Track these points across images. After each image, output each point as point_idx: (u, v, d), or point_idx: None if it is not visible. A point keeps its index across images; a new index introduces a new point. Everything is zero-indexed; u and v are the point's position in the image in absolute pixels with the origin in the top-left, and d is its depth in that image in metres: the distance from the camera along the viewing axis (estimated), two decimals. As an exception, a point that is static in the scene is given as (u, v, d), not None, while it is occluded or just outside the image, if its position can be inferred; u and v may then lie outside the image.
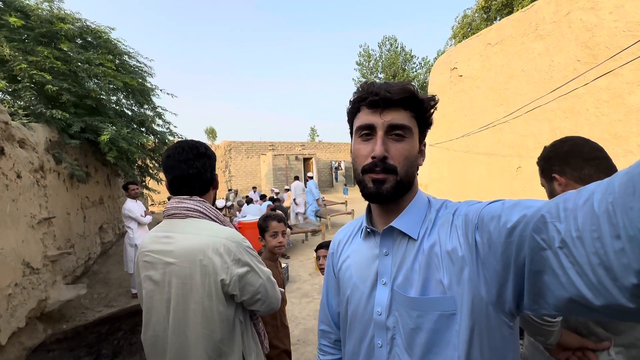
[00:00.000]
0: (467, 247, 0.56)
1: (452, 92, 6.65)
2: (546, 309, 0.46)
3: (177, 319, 0.99)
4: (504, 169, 5.59)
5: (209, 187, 1.15)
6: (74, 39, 4.50)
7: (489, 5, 12.19)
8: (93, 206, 5.03)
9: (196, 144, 1.11)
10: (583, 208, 0.39)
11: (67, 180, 3.96)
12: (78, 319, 3.47)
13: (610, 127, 3.96)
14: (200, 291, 0.98)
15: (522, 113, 5.08)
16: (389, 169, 0.63)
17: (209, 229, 1.04)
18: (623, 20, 3.74)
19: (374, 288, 0.68)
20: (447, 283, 0.57)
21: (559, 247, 0.41)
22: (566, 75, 4.40)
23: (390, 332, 0.63)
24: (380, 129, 0.63)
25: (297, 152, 18.19)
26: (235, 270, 1.00)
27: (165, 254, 1.02)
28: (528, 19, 4.98)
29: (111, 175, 6.21)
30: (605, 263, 0.36)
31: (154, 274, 1.03)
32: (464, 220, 0.58)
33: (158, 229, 1.10)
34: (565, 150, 1.03)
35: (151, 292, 1.03)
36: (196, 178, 1.08)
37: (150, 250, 1.05)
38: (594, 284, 0.37)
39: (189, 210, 1.06)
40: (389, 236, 0.68)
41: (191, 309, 0.99)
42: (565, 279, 0.41)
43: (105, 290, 4.43)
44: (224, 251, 0.99)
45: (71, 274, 3.95)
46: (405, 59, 21.13)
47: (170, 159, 1.08)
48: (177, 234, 1.03)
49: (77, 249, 4.18)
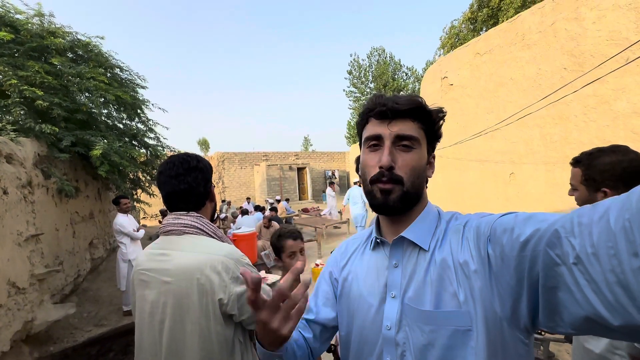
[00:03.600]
0: (479, 260, 0.54)
1: (443, 101, 6.76)
2: (562, 326, 0.44)
3: (174, 339, 0.95)
4: (497, 175, 5.65)
5: (204, 200, 1.11)
6: (65, 52, 4.48)
7: (475, 17, 12.57)
8: (83, 221, 4.91)
9: (187, 158, 1.08)
10: (599, 224, 0.38)
11: (55, 195, 3.86)
12: (66, 340, 3.33)
13: (599, 133, 4.05)
14: (197, 311, 0.94)
15: (513, 120, 5.18)
16: (396, 179, 0.62)
17: (206, 246, 1.01)
18: (606, 30, 3.88)
19: (382, 301, 0.65)
20: (463, 297, 0.55)
21: (574, 263, 0.40)
22: (554, 83, 4.52)
23: (400, 348, 0.60)
24: (387, 139, 0.63)
25: (290, 162, 18.20)
26: (234, 289, 0.96)
27: (161, 273, 0.98)
28: (515, 29, 5.13)
29: (102, 189, 6.10)
30: (622, 281, 0.35)
31: (149, 293, 0.99)
32: (476, 233, 0.57)
33: (154, 246, 1.06)
34: (624, 167, 1.02)
35: (145, 312, 0.99)
36: (188, 193, 1.05)
37: (145, 268, 1.01)
38: (611, 302, 0.36)
39: (186, 226, 1.02)
40: (399, 247, 0.66)
41: (188, 330, 0.95)
42: (581, 296, 0.39)
43: (96, 308, 4.27)
44: (222, 269, 0.96)
45: (59, 293, 3.81)
46: (395, 69, 21.55)
47: (162, 175, 1.05)
48: (173, 251, 1.00)
49: (66, 266, 4.04)
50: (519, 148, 5.18)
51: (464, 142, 6.32)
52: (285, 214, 10.29)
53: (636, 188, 0.36)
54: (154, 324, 0.98)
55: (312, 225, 8.46)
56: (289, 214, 10.67)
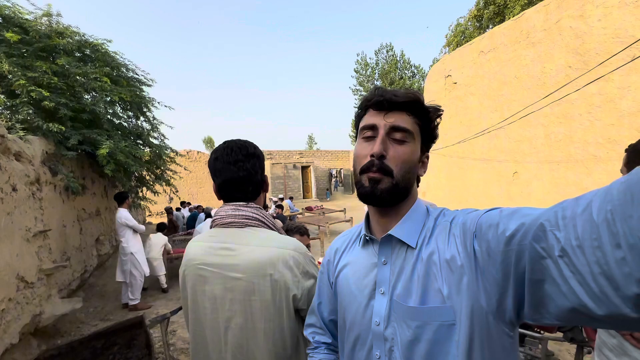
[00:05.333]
0: (465, 255, 0.55)
1: (447, 99, 6.73)
2: (548, 318, 0.46)
3: (244, 337, 0.90)
4: (501, 174, 5.61)
5: (260, 190, 1.04)
6: (72, 52, 4.55)
7: (481, 14, 12.43)
8: (90, 218, 5.00)
9: (245, 144, 1.01)
10: (582, 216, 0.39)
11: (63, 193, 3.95)
12: (73, 333, 3.41)
13: (604, 132, 4.00)
14: (272, 308, 0.89)
15: (517, 119, 5.13)
16: (386, 170, 0.62)
17: (273, 240, 0.94)
18: (611, 27, 3.82)
19: (372, 298, 0.66)
20: (447, 292, 0.56)
21: (559, 255, 0.41)
22: (558, 81, 4.47)
23: (389, 343, 0.62)
24: (382, 129, 0.64)
25: (295, 160, 18.22)
26: (305, 283, 0.93)
27: (228, 268, 0.91)
28: (519, 27, 5.08)
29: (108, 186, 6.20)
30: (606, 272, 0.36)
31: (211, 289, 0.93)
32: (462, 229, 0.58)
33: (210, 239, 0.98)
34: None
35: (206, 308, 0.93)
36: (247, 181, 0.98)
37: (205, 262, 0.94)
38: (595, 293, 0.37)
39: (247, 218, 0.96)
40: (387, 244, 0.67)
41: (259, 328, 0.90)
42: (567, 288, 0.40)
43: (102, 303, 4.37)
44: (293, 264, 0.92)
45: (66, 288, 3.90)
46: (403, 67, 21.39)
47: (219, 161, 0.98)
48: (239, 245, 0.93)
49: (73, 261, 4.13)
50: (523, 147, 5.14)
51: (468, 141, 6.28)
52: (289, 212, 10.34)
53: (616, 180, 0.37)
54: (218, 322, 0.92)
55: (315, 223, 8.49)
56: (293, 212, 10.72)
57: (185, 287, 0.98)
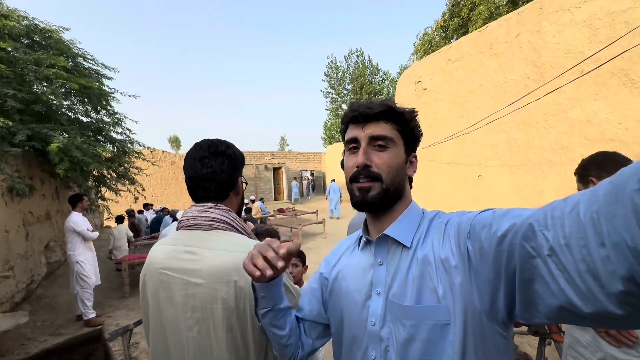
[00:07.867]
0: (459, 256, 0.56)
1: (417, 104, 6.98)
2: (538, 317, 0.47)
3: (206, 346, 0.86)
4: (467, 177, 5.92)
5: (227, 191, 0.98)
6: (20, 38, 4.09)
7: (447, 25, 13.13)
8: (38, 222, 4.52)
9: (215, 142, 0.98)
10: (570, 216, 0.40)
11: (6, 194, 3.52)
12: (17, 352, 3.04)
13: (557, 139, 4.36)
14: (234, 317, 0.85)
15: (482, 125, 5.45)
16: (374, 177, 0.65)
17: (240, 244, 0.89)
18: (564, 43, 4.18)
19: (368, 298, 0.68)
20: (442, 292, 0.57)
21: (548, 254, 0.42)
22: (518, 91, 4.81)
23: (384, 343, 0.63)
24: (363, 141, 0.67)
25: (266, 161, 17.95)
26: None
27: (189, 273, 0.86)
28: (484, 38, 5.40)
29: (60, 187, 5.66)
30: (592, 270, 0.37)
31: (172, 295, 0.88)
32: (457, 230, 0.59)
33: (173, 241, 0.93)
34: (601, 160, 1.25)
35: (168, 316, 0.89)
36: (210, 179, 0.93)
37: (167, 267, 0.89)
38: (582, 291, 0.38)
39: (214, 220, 0.91)
40: (383, 245, 0.69)
41: (221, 338, 0.85)
42: (555, 287, 0.41)
43: (52, 316, 3.94)
44: None
45: (9, 301, 3.47)
46: (372, 72, 21.96)
47: (187, 158, 0.97)
48: (202, 249, 0.88)
49: (17, 271, 3.70)
50: (487, 151, 5.46)
51: (437, 145, 6.56)
52: (260, 214, 10.12)
53: (602, 181, 0.38)
54: (180, 330, 0.87)
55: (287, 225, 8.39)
56: (264, 214, 10.52)
57: (146, 293, 0.93)
